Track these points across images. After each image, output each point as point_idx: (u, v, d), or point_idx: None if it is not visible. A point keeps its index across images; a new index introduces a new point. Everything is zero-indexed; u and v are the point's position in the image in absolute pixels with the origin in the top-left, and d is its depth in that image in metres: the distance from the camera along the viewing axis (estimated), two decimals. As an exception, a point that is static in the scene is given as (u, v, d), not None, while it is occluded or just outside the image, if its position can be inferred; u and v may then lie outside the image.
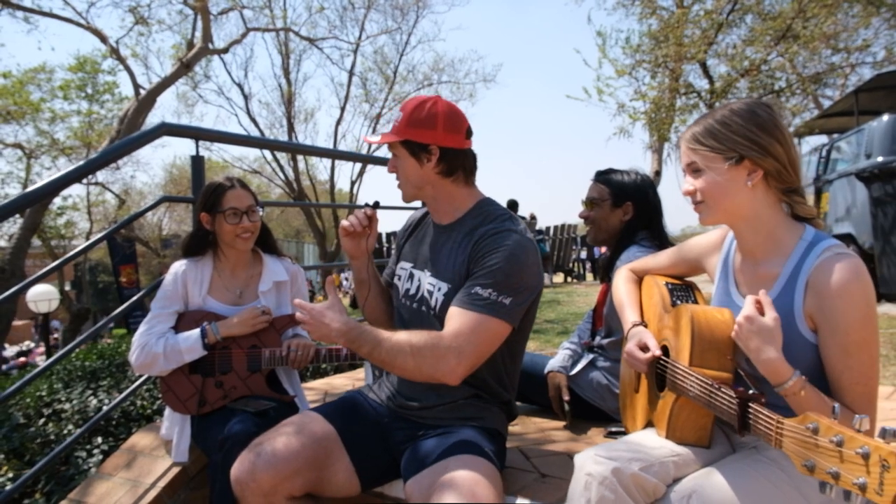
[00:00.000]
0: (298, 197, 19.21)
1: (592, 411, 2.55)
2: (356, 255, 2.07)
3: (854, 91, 8.59)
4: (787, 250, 1.51)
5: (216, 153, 20.23)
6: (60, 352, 2.68)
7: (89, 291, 21.82)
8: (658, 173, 12.69)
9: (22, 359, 19.61)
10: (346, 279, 21.62)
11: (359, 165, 19.56)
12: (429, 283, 1.93)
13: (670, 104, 8.72)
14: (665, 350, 1.71)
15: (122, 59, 11.31)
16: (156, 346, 2.31)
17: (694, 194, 1.58)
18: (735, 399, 1.33)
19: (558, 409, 2.54)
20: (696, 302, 1.80)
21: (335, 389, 3.41)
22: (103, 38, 11.05)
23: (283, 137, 18.95)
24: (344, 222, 2.03)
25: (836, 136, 8.85)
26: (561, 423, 2.55)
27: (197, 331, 2.35)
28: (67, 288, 20.33)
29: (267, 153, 19.21)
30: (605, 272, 2.60)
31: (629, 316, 1.87)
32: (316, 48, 17.60)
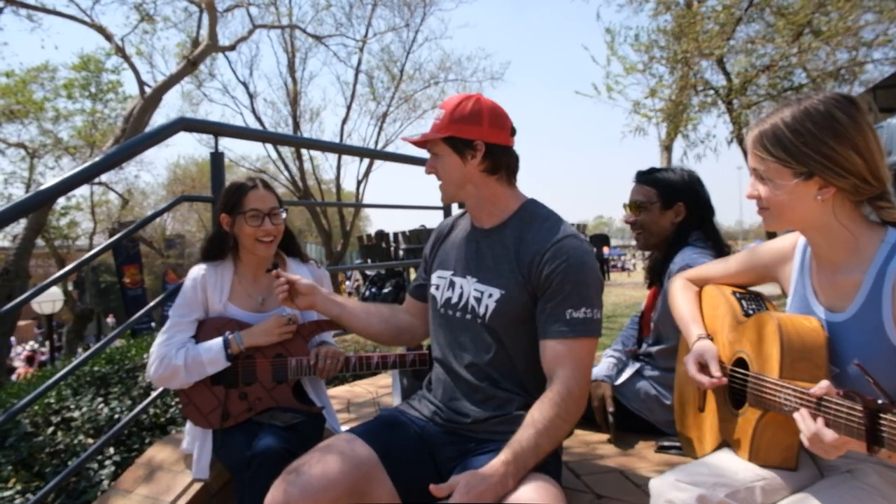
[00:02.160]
0: (304, 196, 19.05)
1: (639, 423, 2.40)
2: (309, 307, 2.07)
3: (871, 88, 8.44)
4: (868, 255, 1.36)
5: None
6: (84, 355, 2.53)
7: (92, 292, 21.72)
8: (669, 172, 12.51)
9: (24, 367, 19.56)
10: (349, 280, 21.51)
11: (365, 165, 19.44)
12: (475, 290, 1.80)
13: (687, 101, 8.56)
14: (739, 362, 1.56)
15: (126, 57, 11.16)
16: (176, 357, 2.16)
17: (758, 199, 1.44)
18: (861, 410, 1.12)
19: (601, 421, 2.39)
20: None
21: (358, 398, 3.26)
22: (108, 36, 10.89)
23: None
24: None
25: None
26: (604, 436, 2.40)
27: (219, 340, 2.20)
28: (70, 288, 20.19)
29: (272, 152, 19.06)
30: (653, 276, 2.44)
31: (693, 329, 1.72)
32: (323, 45, 17.43)
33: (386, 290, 11.59)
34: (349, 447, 1.72)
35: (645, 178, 2.42)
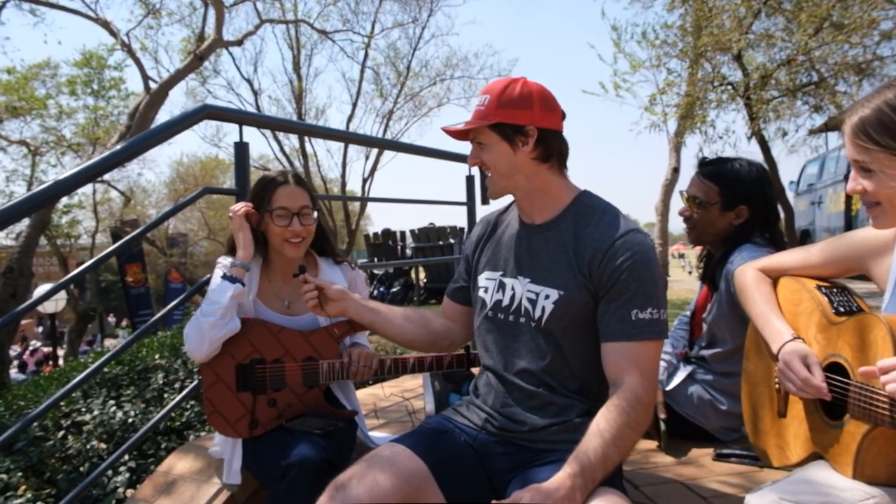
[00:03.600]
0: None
1: (691, 430, 2.25)
2: (340, 314, 1.95)
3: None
4: None
5: (224, 150, 19.94)
6: (110, 353, 2.39)
7: (93, 290, 21.56)
8: (676, 170, 12.39)
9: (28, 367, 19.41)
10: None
11: (371, 162, 19.26)
12: (529, 291, 1.66)
13: (703, 97, 8.41)
14: (834, 368, 1.42)
15: (132, 53, 11.01)
16: (195, 319, 2.01)
17: (865, 194, 1.29)
18: None
19: (652, 428, 2.25)
20: (860, 310, 1.50)
21: (383, 402, 3.11)
22: (113, 32, 10.75)
23: (293, 134, 18.64)
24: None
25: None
26: (653, 443, 2.27)
27: (218, 273, 2.05)
28: (71, 287, 20.04)
29: (276, 149, 18.91)
30: (706, 274, 2.29)
31: (778, 326, 1.57)
32: (329, 40, 17.25)
33: (395, 290, 11.46)
34: (398, 459, 1.57)
35: (708, 171, 2.24)
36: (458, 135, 1.73)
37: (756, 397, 1.74)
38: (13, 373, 12.80)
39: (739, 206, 2.17)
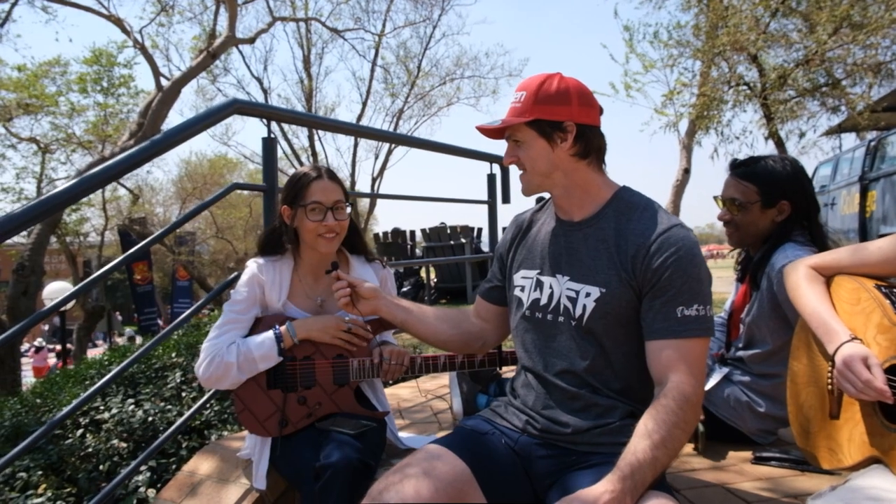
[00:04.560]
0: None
1: (728, 432, 2.21)
2: (372, 313, 1.90)
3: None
4: None
5: (234, 148, 19.90)
6: (140, 349, 2.36)
7: (100, 288, 21.58)
8: (687, 171, 12.31)
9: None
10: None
11: (380, 161, 19.26)
12: (569, 290, 1.61)
13: (720, 97, 8.32)
14: (894, 370, 1.37)
15: (144, 50, 10.99)
16: (227, 354, 1.98)
17: None
18: None
19: (688, 430, 2.20)
20: (919, 310, 1.46)
21: (407, 402, 3.07)
22: (126, 30, 10.75)
23: (302, 133, 18.65)
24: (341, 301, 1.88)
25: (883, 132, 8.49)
26: (689, 445, 2.22)
27: (270, 334, 2.01)
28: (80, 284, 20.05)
29: (286, 147, 18.89)
30: (746, 274, 2.24)
31: (835, 326, 1.52)
32: (341, 38, 17.24)
33: (405, 289, 11.41)
34: (441, 462, 1.53)
35: (743, 171, 2.19)
36: (493, 133, 1.69)
37: (804, 398, 1.69)
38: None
39: (780, 201, 2.13)
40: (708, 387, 2.22)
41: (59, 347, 15.46)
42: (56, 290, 13.35)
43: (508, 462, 1.61)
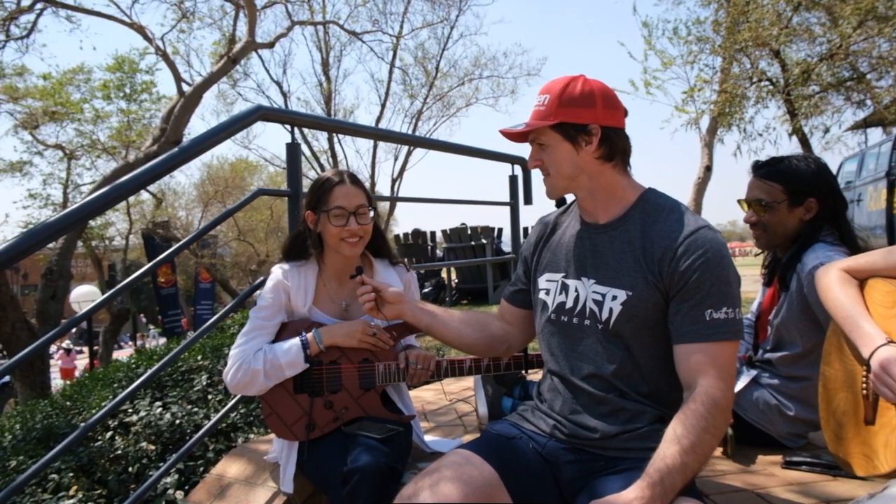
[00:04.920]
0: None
1: (756, 435, 2.18)
2: (397, 317, 1.92)
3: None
4: None
5: (254, 152, 20.07)
6: (175, 349, 2.39)
7: (125, 291, 21.87)
8: (709, 168, 12.17)
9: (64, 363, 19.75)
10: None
11: (400, 162, 19.33)
12: (595, 293, 1.61)
13: (743, 93, 8.23)
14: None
15: (166, 57, 11.14)
16: (254, 361, 2.00)
17: None
18: None
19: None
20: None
21: (430, 405, 3.08)
22: (148, 37, 10.90)
23: (322, 136, 18.76)
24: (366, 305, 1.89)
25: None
26: (717, 450, 2.19)
27: (297, 341, 2.03)
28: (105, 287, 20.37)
29: (306, 150, 19.02)
30: (773, 276, 2.21)
31: (869, 329, 1.50)
32: (359, 40, 17.33)
33: (426, 290, 11.44)
34: (470, 467, 1.53)
35: (767, 171, 2.17)
36: (517, 137, 1.68)
37: (837, 403, 1.66)
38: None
39: (808, 199, 2.10)
40: (736, 390, 2.19)
41: (86, 350, 15.69)
42: (83, 294, 13.59)
43: (536, 467, 1.61)
